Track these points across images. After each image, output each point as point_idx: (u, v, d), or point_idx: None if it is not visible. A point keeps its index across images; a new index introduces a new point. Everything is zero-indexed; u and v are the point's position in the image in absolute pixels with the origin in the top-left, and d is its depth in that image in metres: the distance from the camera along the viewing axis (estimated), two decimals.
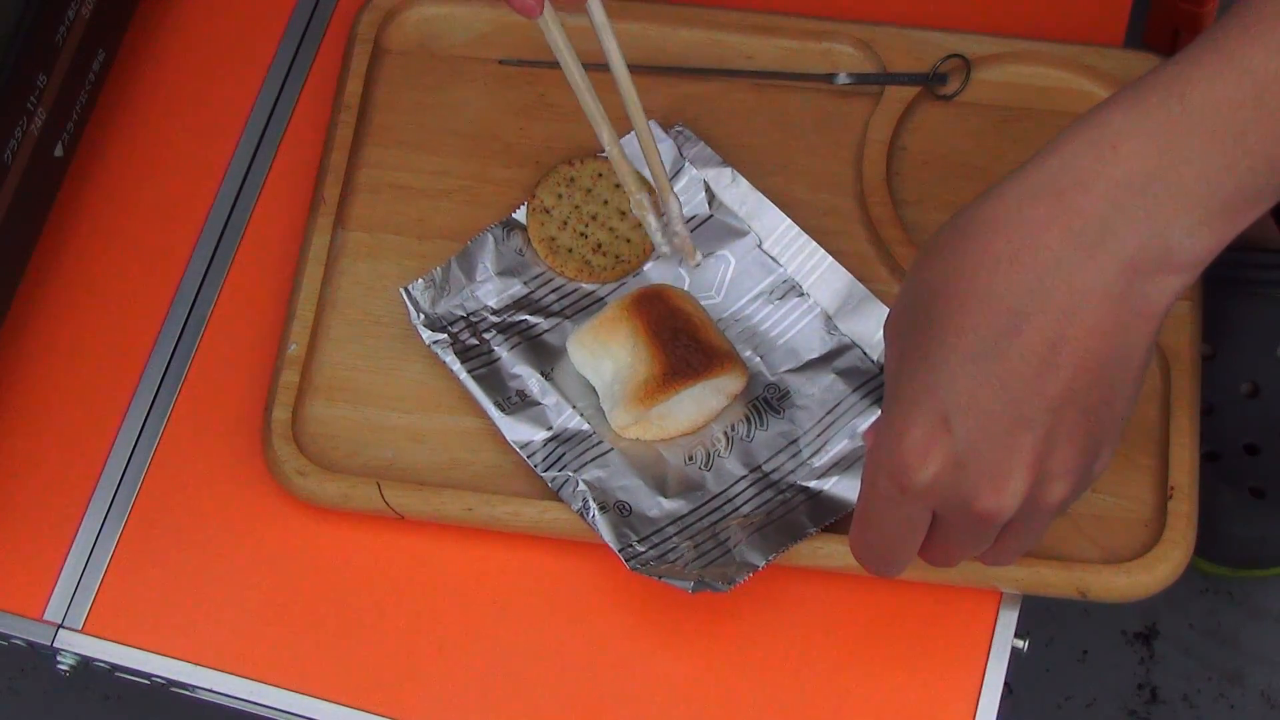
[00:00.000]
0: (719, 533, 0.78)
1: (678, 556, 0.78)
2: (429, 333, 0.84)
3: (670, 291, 0.82)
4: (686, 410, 0.81)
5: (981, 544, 0.66)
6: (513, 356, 0.83)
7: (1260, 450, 1.20)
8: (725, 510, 0.79)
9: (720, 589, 0.76)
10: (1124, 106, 0.61)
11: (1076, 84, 0.89)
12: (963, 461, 0.62)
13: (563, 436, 0.81)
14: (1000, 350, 0.61)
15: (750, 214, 0.86)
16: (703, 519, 0.79)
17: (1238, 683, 1.26)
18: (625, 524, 0.79)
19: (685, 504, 0.80)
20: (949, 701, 0.79)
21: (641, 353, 0.80)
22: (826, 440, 0.81)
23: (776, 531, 0.78)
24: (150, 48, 0.95)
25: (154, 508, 0.84)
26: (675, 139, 0.87)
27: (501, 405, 0.81)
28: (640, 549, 0.78)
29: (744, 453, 0.81)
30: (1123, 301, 0.60)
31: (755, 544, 0.78)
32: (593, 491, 0.79)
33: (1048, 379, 0.61)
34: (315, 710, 0.80)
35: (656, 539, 0.78)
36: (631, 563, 0.77)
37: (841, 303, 0.84)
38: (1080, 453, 0.62)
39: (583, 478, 0.80)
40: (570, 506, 0.79)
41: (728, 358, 0.81)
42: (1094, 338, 0.60)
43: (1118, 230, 0.60)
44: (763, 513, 0.79)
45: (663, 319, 0.81)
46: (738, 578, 0.76)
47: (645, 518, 0.79)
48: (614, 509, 0.79)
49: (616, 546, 0.78)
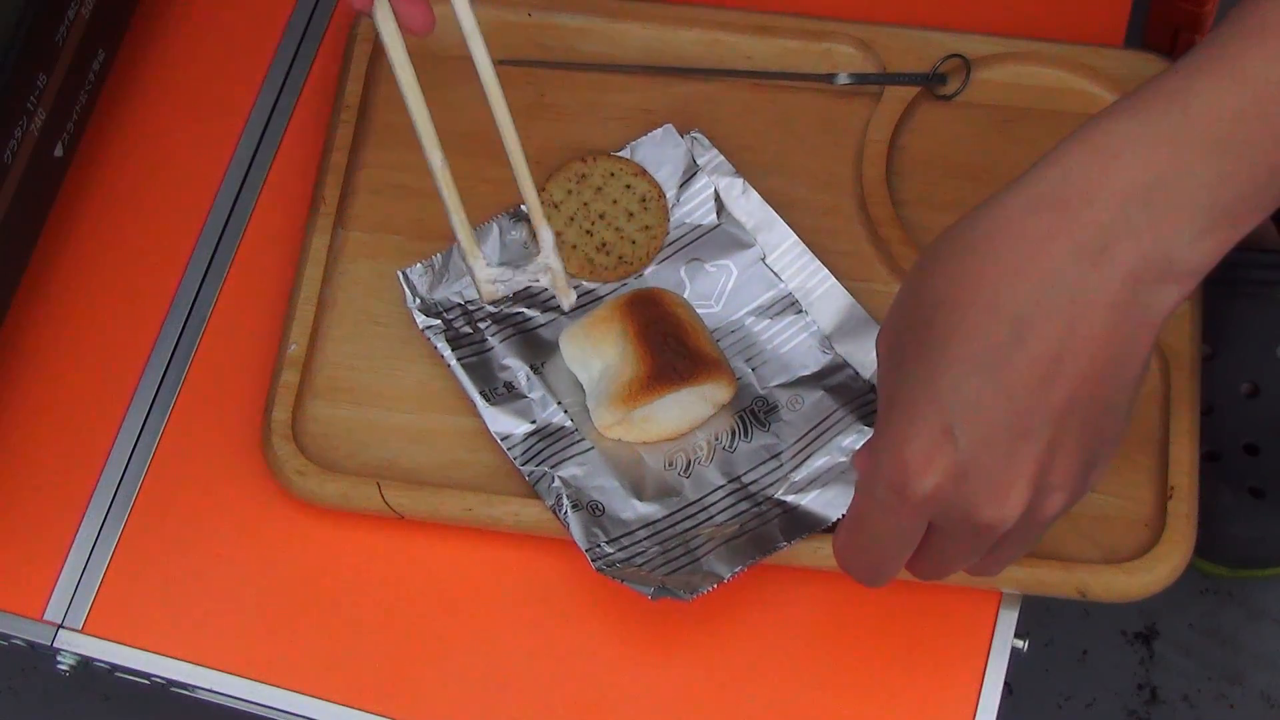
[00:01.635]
0: (689, 540, 0.78)
1: (645, 560, 0.78)
2: (423, 317, 0.84)
3: (665, 296, 0.82)
4: (671, 414, 0.81)
5: (976, 555, 0.66)
6: (505, 348, 0.83)
7: (1260, 450, 1.19)
8: (700, 519, 0.79)
9: (683, 597, 0.76)
10: (1126, 115, 0.61)
11: (1077, 84, 0.89)
12: (964, 472, 0.61)
13: (545, 432, 0.81)
14: (1004, 360, 0.60)
15: (758, 227, 0.86)
16: (675, 525, 0.79)
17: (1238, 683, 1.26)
18: (596, 524, 0.79)
19: (660, 509, 0.79)
20: (949, 701, 0.79)
21: (629, 354, 0.80)
22: (808, 455, 0.80)
23: (747, 544, 0.78)
24: (150, 48, 0.95)
25: (154, 508, 0.84)
26: (689, 145, 0.87)
27: (488, 395, 0.81)
28: (608, 550, 0.78)
29: (725, 462, 0.81)
30: (1125, 311, 0.60)
31: (723, 555, 0.78)
32: (568, 489, 0.79)
33: (1051, 389, 0.60)
34: (315, 710, 0.80)
35: (626, 541, 0.78)
36: (597, 563, 0.78)
37: (840, 324, 0.83)
38: (1079, 464, 0.62)
39: (560, 474, 0.80)
40: (544, 502, 0.79)
41: (715, 366, 0.81)
42: (1097, 347, 0.60)
43: (1121, 240, 0.60)
44: (736, 524, 0.79)
45: (653, 322, 0.80)
46: (702, 587, 0.76)
47: (617, 519, 0.79)
48: (587, 508, 0.79)
49: (584, 545, 0.78)
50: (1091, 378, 0.61)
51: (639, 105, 0.89)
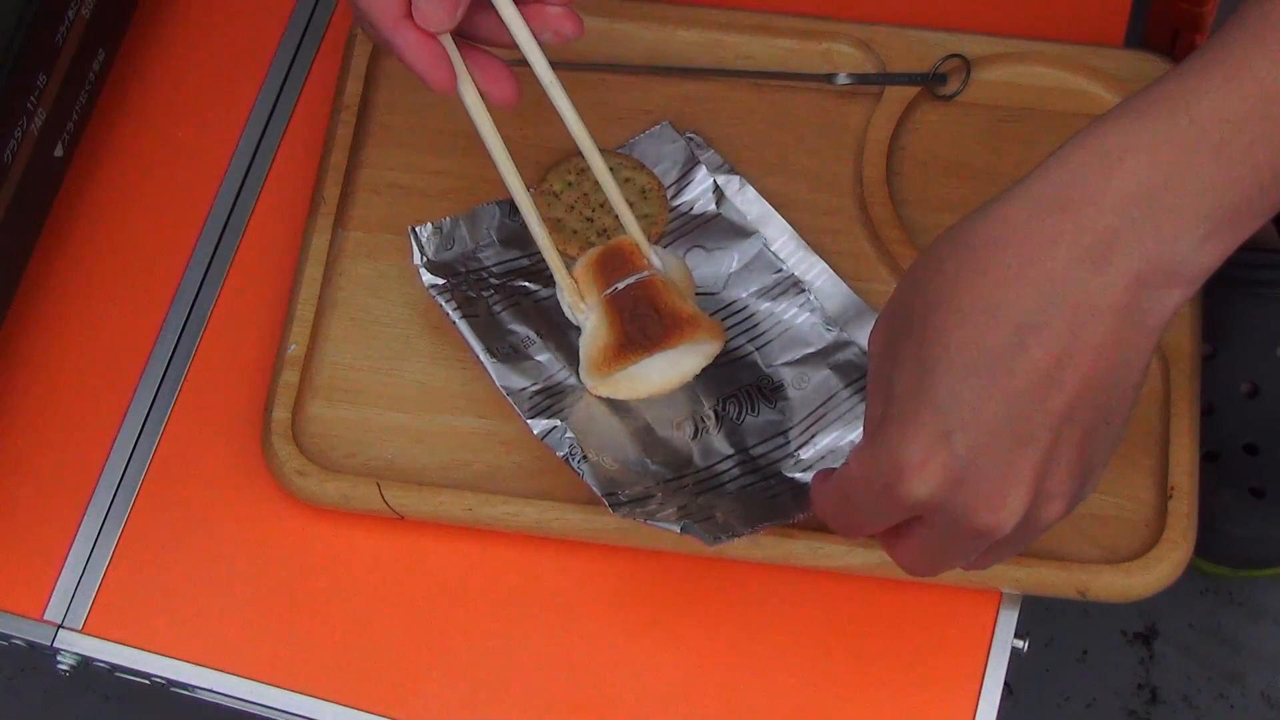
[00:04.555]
0: (702, 503, 0.78)
1: (660, 506, 0.77)
2: (430, 276, 0.83)
3: (632, 251, 0.80)
4: (659, 371, 0.79)
5: (970, 557, 0.65)
6: (509, 315, 0.82)
7: (1260, 450, 1.20)
8: (710, 484, 0.79)
9: (706, 539, 0.75)
10: (1130, 118, 0.60)
11: (1076, 84, 0.89)
12: (961, 477, 0.61)
13: (553, 390, 0.80)
14: (1006, 365, 0.60)
15: (756, 221, 0.86)
16: (687, 486, 0.79)
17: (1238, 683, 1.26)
18: (609, 476, 0.78)
19: (669, 470, 0.79)
20: (949, 701, 0.79)
21: (602, 317, 0.79)
22: (815, 434, 0.80)
23: (759, 509, 0.78)
24: (150, 48, 0.95)
25: (154, 508, 0.84)
26: (688, 143, 0.87)
27: (493, 352, 0.81)
28: (624, 499, 0.77)
29: (733, 433, 0.81)
30: (1128, 316, 0.60)
31: (736, 514, 0.77)
32: (581, 438, 0.78)
33: (1052, 395, 0.60)
34: (315, 710, 0.80)
35: (641, 494, 0.77)
36: (618, 509, 0.76)
37: (838, 313, 0.83)
38: (1077, 471, 0.62)
39: (571, 426, 0.79)
40: (556, 453, 0.78)
41: (691, 325, 0.78)
42: (1099, 353, 0.60)
43: (1126, 244, 0.59)
44: (746, 494, 0.79)
45: (623, 284, 0.78)
46: (724, 536, 0.75)
47: (631, 473, 0.78)
48: (600, 463, 0.78)
49: (601, 492, 0.77)
50: (1092, 384, 0.60)
51: (639, 105, 0.89)
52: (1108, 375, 0.60)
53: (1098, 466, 0.63)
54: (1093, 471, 0.63)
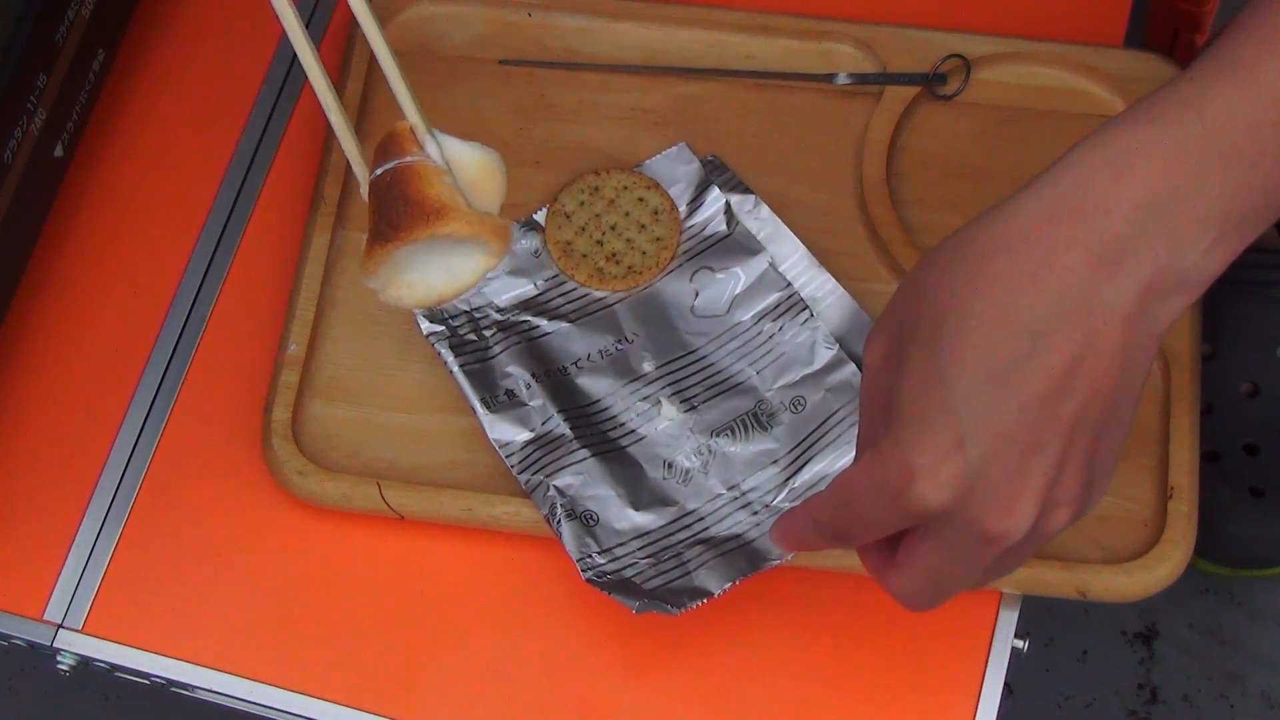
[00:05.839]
0: (682, 553, 0.78)
1: (636, 572, 0.78)
2: (428, 324, 0.84)
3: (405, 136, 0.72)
4: (434, 274, 0.73)
5: (976, 572, 0.64)
6: (508, 356, 0.83)
7: (1260, 450, 1.20)
8: (696, 529, 0.79)
9: (669, 611, 0.76)
10: (1141, 123, 0.60)
11: (1076, 84, 0.89)
12: (973, 484, 0.60)
13: (543, 440, 0.81)
14: (1019, 371, 0.59)
15: (768, 239, 0.85)
16: (670, 535, 0.79)
17: (1238, 683, 1.26)
18: (589, 534, 0.79)
19: (656, 518, 0.79)
20: (949, 701, 0.79)
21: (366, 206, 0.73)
22: (809, 459, 0.80)
23: (741, 557, 0.78)
24: (150, 48, 0.95)
25: (154, 508, 0.84)
26: (704, 165, 0.87)
27: (488, 403, 0.81)
28: (599, 560, 0.78)
29: (724, 470, 0.81)
30: (1137, 323, 0.60)
31: (716, 569, 0.78)
32: (562, 498, 0.79)
33: (1064, 402, 0.60)
34: (315, 710, 0.80)
35: (619, 551, 0.78)
36: (587, 574, 0.78)
37: (845, 330, 0.83)
38: (1086, 478, 0.62)
39: (555, 483, 0.79)
40: (539, 510, 0.79)
41: (438, 215, 0.70)
42: (1109, 360, 0.60)
43: (1138, 251, 0.59)
44: (732, 535, 0.79)
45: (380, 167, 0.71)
46: (690, 603, 0.76)
47: (611, 529, 0.79)
48: (580, 518, 0.79)
49: (575, 555, 0.78)
50: (1102, 391, 0.60)
51: (639, 105, 0.89)
52: (1116, 382, 0.60)
53: (1105, 473, 0.63)
54: (1100, 478, 0.63)
